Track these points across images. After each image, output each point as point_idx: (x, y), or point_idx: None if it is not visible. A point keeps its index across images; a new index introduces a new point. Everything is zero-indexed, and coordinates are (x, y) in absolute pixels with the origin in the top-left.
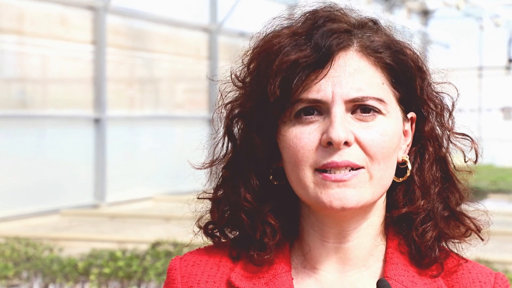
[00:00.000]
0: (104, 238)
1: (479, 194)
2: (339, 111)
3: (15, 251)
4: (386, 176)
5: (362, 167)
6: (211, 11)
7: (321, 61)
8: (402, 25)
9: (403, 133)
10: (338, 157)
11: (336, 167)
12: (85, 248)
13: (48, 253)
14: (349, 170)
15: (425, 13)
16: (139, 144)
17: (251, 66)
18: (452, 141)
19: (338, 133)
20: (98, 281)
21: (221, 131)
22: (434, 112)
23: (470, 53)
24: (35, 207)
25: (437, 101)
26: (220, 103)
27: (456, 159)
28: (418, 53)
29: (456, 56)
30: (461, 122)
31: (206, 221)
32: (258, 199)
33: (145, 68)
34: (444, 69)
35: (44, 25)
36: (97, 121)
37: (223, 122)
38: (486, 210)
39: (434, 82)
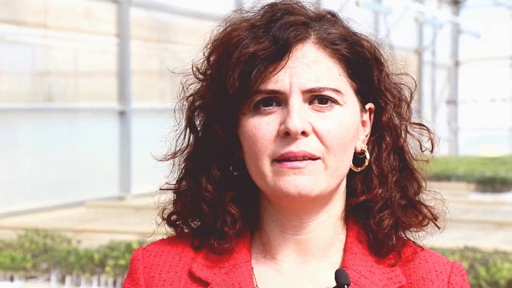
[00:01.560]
0: (128, 230)
1: (506, 184)
2: (296, 101)
3: (34, 243)
4: (341, 166)
5: (319, 158)
6: (236, 2)
7: (279, 53)
8: (433, 15)
9: (362, 123)
10: (295, 147)
11: (294, 157)
12: (108, 240)
13: (66, 245)
14: (307, 160)
15: (456, 3)
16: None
17: (211, 59)
18: (410, 131)
19: (295, 123)
20: (114, 272)
21: (183, 123)
22: (392, 103)
23: (502, 42)
24: (61, 199)
25: (394, 92)
26: (182, 95)
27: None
28: (376, 45)
29: (488, 45)
30: (493, 112)
31: (169, 211)
32: (219, 190)
33: (170, 60)
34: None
35: (69, 19)
36: (122, 113)
37: (184, 114)
38: (443, 199)
39: (392, 73)
